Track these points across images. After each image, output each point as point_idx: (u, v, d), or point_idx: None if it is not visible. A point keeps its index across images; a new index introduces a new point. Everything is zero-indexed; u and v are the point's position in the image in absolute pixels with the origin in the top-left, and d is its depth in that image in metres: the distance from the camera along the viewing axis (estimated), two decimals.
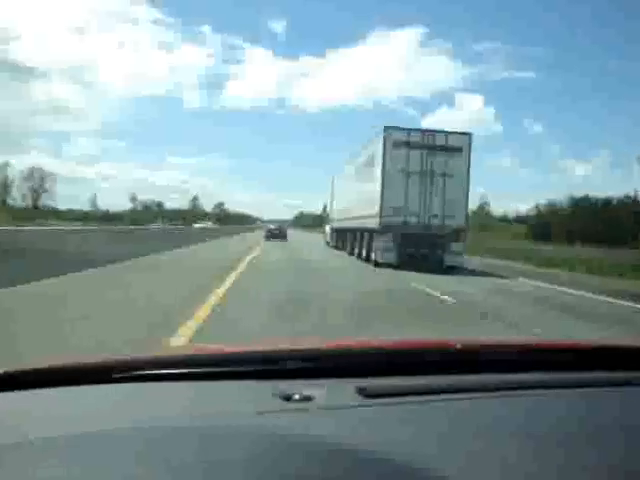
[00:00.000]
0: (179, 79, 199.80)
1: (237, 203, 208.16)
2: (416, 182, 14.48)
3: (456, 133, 14.81)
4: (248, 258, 15.51)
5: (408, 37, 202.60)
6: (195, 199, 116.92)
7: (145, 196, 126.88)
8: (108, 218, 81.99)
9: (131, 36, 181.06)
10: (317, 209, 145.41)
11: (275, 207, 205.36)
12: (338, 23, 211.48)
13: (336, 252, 22.89)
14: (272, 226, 38.32)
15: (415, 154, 14.48)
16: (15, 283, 6.73)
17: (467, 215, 15.05)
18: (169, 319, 5.25)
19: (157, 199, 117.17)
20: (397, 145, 14.49)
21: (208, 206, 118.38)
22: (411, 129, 14.76)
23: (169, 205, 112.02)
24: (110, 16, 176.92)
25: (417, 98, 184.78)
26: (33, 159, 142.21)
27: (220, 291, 7.57)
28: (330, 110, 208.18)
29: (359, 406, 0.80)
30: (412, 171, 14.47)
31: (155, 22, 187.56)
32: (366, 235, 16.40)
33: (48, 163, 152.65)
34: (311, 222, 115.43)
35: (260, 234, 43.31)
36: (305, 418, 0.75)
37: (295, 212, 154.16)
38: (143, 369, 0.88)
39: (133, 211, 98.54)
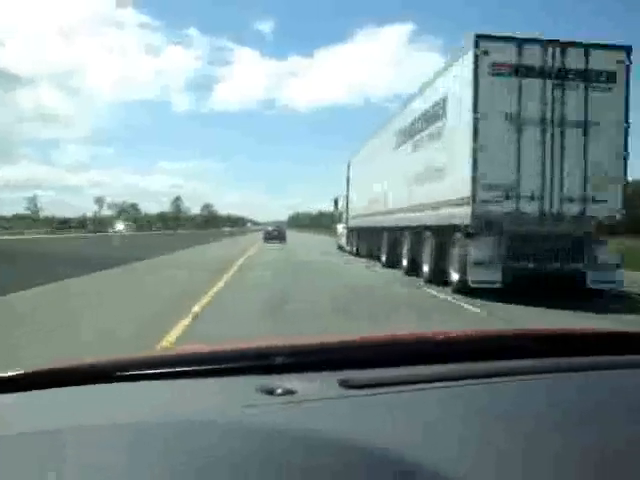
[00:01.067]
0: (167, 82, 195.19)
1: (230, 205, 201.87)
2: (534, 139, 7.93)
3: (605, 47, 8.21)
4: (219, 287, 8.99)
5: (397, 34, 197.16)
6: (177, 200, 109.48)
7: (135, 200, 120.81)
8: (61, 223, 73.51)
9: (118, 40, 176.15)
10: (313, 209, 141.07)
11: (269, 208, 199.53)
12: (325, 22, 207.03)
13: (360, 262, 16.23)
14: (270, 228, 37.38)
15: (532, 86, 7.91)
16: None
17: (624, 196, 8.41)
18: None
19: (148, 204, 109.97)
20: (499, 70, 7.90)
21: (195, 209, 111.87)
22: (524, 39, 8.14)
23: (157, 208, 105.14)
24: (95, 21, 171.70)
25: (408, 95, 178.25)
26: (22, 168, 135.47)
27: None
28: (320, 109, 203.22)
29: (342, 397, 0.80)
30: (527, 119, 7.91)
31: (141, 26, 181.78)
32: (431, 238, 9.83)
33: (37, 171, 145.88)
34: (308, 222, 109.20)
35: (252, 239, 37.92)
36: (288, 411, 0.75)
37: (290, 212, 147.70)
38: (126, 370, 0.89)
39: (96, 216, 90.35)
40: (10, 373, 0.85)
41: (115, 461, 0.58)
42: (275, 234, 34.18)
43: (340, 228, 23.50)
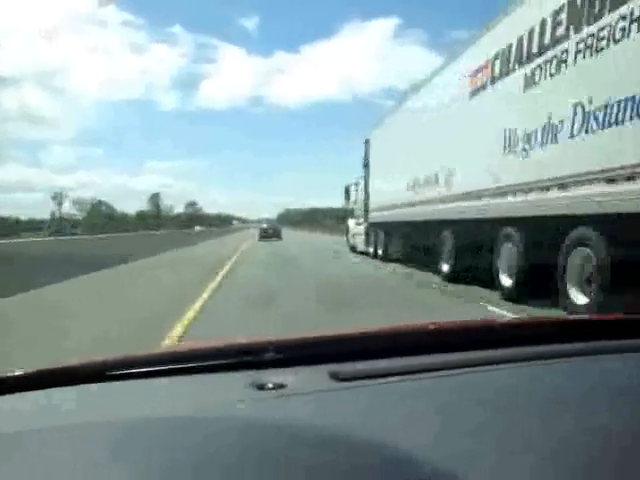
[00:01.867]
0: (153, 81, 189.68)
1: (218, 204, 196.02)
2: None
3: None
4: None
5: (382, 28, 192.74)
6: (155, 197, 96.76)
7: (124, 202, 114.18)
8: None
9: (101, 39, 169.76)
10: (304, 205, 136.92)
11: (258, 206, 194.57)
12: (310, 17, 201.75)
13: (402, 272, 11.60)
14: (265, 225, 36.98)
15: None
16: None
17: None
18: None
19: (136, 205, 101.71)
20: None
21: (179, 207, 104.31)
22: None
23: (138, 207, 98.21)
24: (78, 20, 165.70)
25: (396, 89, 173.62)
26: (8, 170, 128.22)
27: None
28: (308, 105, 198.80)
29: (333, 390, 0.80)
30: None
31: (124, 24, 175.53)
32: (598, 239, 5.13)
33: (24, 173, 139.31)
34: (301, 219, 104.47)
35: (238, 239, 33.52)
36: (280, 405, 0.75)
37: (279, 210, 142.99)
38: (118, 369, 0.89)
39: (54, 217, 75.72)
40: (6, 374, 0.85)
41: (108, 459, 0.58)
42: (270, 232, 33.98)
43: (352, 224, 18.74)
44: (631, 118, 4.66)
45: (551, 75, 6.05)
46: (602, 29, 5.11)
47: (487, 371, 0.88)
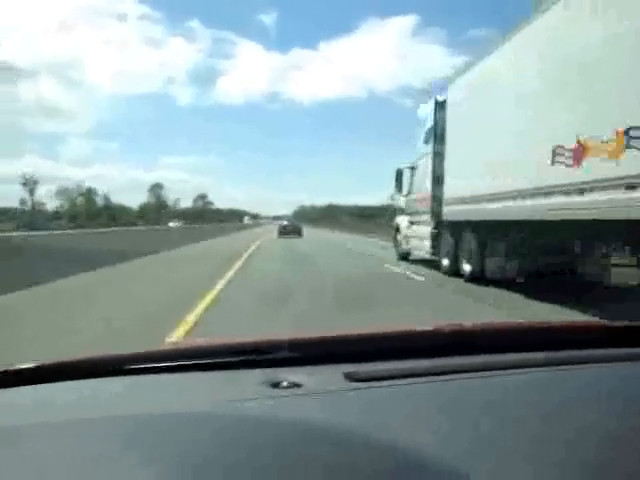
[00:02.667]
0: (169, 76, 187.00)
1: (234, 200, 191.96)
2: None
3: None
4: None
5: (400, 26, 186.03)
6: (157, 187, 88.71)
7: (138, 196, 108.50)
8: None
9: (119, 32, 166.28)
10: (320, 202, 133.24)
11: (274, 202, 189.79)
12: (328, 14, 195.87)
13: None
14: (285, 222, 36.28)
15: None
16: None
17: None
18: None
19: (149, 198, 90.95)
20: None
21: (186, 201, 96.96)
22: None
23: (140, 200, 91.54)
24: (96, 12, 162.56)
25: (413, 87, 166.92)
26: (24, 162, 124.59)
27: None
28: (325, 102, 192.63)
29: (347, 390, 0.80)
30: None
31: (142, 17, 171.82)
32: None
33: (40, 165, 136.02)
34: (317, 216, 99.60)
35: (248, 239, 28.00)
36: (294, 403, 0.75)
37: (294, 207, 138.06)
38: (136, 363, 0.90)
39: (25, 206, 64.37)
40: (19, 366, 0.86)
41: (119, 452, 0.57)
42: (290, 229, 33.20)
43: (405, 223, 13.43)
44: None
45: None
46: None
47: (502, 375, 0.87)
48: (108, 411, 0.72)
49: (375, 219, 59.86)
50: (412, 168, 12.83)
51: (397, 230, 14.63)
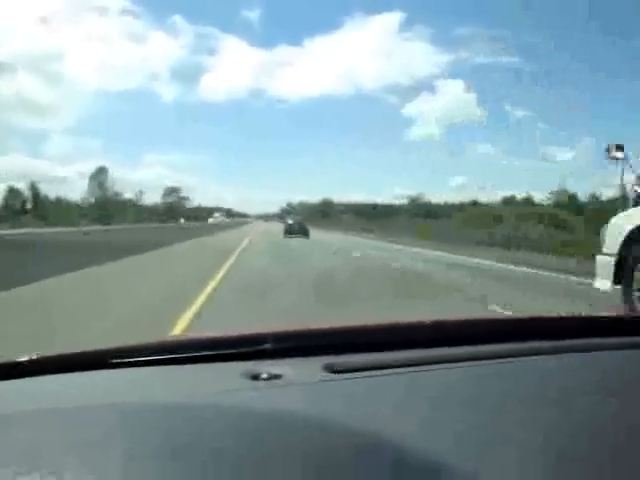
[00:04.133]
0: (153, 72, 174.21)
1: (220, 199, 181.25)
2: None
3: None
4: None
5: (386, 22, 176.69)
6: (102, 171, 61.92)
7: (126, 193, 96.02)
8: None
9: (100, 27, 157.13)
10: (310, 200, 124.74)
11: (262, 202, 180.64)
12: (313, 10, 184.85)
13: None
14: (290, 221, 33.91)
15: None
16: None
17: None
18: None
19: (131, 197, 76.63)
20: None
21: (154, 196, 77.66)
22: None
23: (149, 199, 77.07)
24: (76, 5, 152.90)
25: (400, 85, 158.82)
26: (9, 159, 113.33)
27: None
28: (311, 99, 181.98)
29: (327, 381, 0.80)
30: None
31: (124, 12, 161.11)
32: None
33: (23, 163, 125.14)
34: (307, 214, 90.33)
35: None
36: (273, 395, 0.75)
37: (282, 205, 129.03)
38: (119, 357, 0.91)
39: None
40: (12, 359, 0.88)
41: (98, 442, 0.58)
42: (296, 229, 30.63)
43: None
44: None
45: None
46: None
47: (482, 365, 0.89)
48: (87, 402, 0.73)
49: (379, 219, 51.83)
50: None
51: (615, 243, 5.72)
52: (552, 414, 0.70)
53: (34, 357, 0.88)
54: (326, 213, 77.60)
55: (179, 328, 5.12)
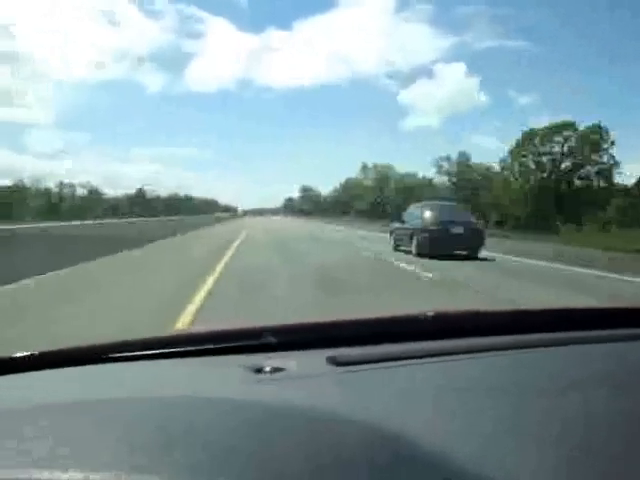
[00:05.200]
0: (136, 58, 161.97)
1: (208, 192, 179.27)
2: None
3: None
4: None
5: (383, 1, 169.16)
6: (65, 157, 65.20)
7: (114, 190, 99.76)
8: None
9: (79, 11, 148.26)
10: (309, 193, 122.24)
11: (259, 195, 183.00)
12: None
13: None
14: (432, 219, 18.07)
15: None
16: None
17: None
18: None
19: (124, 192, 76.88)
20: None
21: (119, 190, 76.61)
22: None
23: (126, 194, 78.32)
24: None
25: (399, 69, 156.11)
26: None
27: None
28: (304, 86, 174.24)
29: (330, 374, 0.81)
30: None
31: None
32: None
33: (8, 159, 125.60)
34: (311, 207, 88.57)
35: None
36: (277, 388, 0.76)
37: (282, 199, 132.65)
38: (120, 351, 0.91)
39: None
40: (10, 355, 0.88)
41: (99, 435, 0.58)
42: (460, 235, 12.08)
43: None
44: None
45: None
46: None
47: (481, 357, 0.89)
48: (88, 396, 0.73)
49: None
50: None
51: None
52: (545, 404, 0.71)
53: (30, 353, 0.89)
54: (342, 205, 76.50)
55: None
